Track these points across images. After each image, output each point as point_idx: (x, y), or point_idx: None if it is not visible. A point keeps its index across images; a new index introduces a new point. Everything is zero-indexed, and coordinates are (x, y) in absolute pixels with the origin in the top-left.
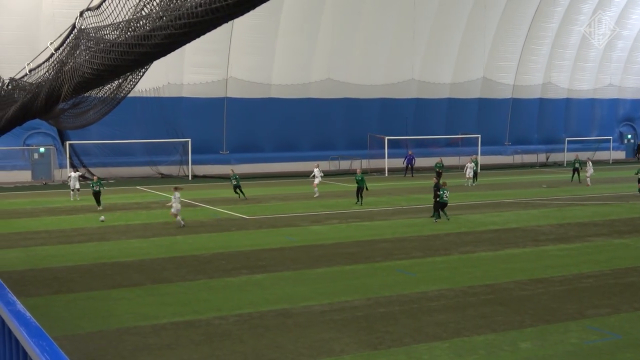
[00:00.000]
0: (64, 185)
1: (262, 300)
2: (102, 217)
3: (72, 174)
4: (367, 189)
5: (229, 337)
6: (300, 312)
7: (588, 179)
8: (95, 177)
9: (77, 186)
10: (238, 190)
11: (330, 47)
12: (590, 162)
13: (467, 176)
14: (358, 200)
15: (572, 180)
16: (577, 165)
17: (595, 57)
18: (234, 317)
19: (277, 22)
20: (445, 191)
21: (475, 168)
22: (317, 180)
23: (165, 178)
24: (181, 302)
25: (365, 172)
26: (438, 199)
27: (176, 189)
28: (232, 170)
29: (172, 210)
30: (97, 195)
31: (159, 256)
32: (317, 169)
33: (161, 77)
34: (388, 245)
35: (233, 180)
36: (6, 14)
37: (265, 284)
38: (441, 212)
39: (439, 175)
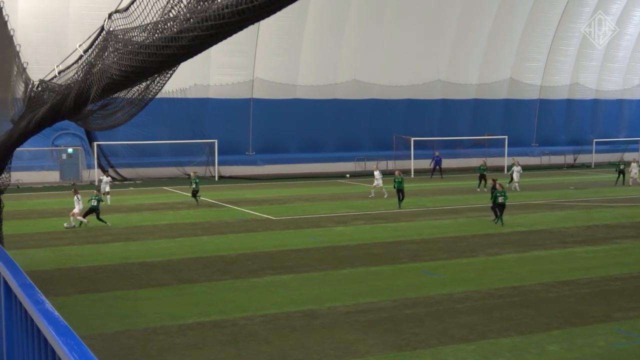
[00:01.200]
0: (92, 185)
1: (288, 300)
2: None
3: (104, 178)
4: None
5: (254, 338)
6: (325, 313)
7: (631, 179)
8: (96, 192)
9: (108, 189)
10: (197, 196)
11: (356, 48)
12: (634, 163)
13: (514, 180)
14: (400, 202)
15: (616, 183)
16: (621, 166)
17: (624, 58)
18: (260, 317)
19: (303, 24)
20: (500, 193)
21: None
22: (376, 182)
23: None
24: (207, 302)
25: (391, 172)
26: (494, 201)
27: (75, 191)
28: (194, 173)
29: (75, 210)
30: (93, 210)
31: (186, 256)
32: (377, 171)
33: (188, 79)
34: (413, 247)
35: (193, 184)
36: (35, 16)
37: (291, 285)
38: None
39: (481, 177)
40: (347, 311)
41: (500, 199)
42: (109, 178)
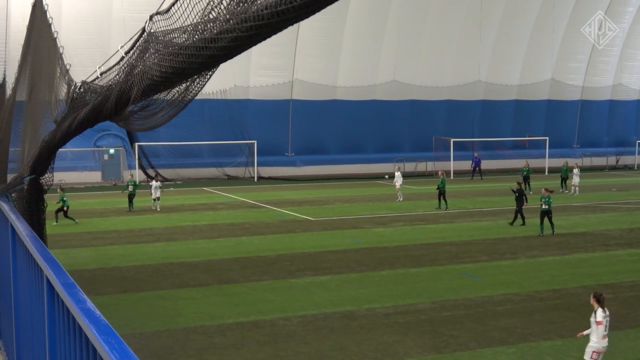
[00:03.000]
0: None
1: (327, 301)
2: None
3: (154, 183)
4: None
5: (293, 338)
6: (364, 314)
7: None
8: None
9: (158, 194)
10: (132, 202)
11: (396, 49)
12: None
13: (573, 184)
14: (440, 205)
15: None
16: None
17: None
18: (298, 318)
19: (343, 25)
20: (544, 198)
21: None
22: (397, 184)
23: (231, 179)
24: (246, 303)
25: (430, 174)
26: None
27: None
28: (132, 176)
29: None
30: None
31: (225, 257)
32: (398, 172)
33: (228, 80)
34: (453, 249)
35: (130, 187)
36: (79, 19)
37: (330, 286)
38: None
39: (525, 179)
40: (386, 313)
41: (544, 206)
42: (159, 182)
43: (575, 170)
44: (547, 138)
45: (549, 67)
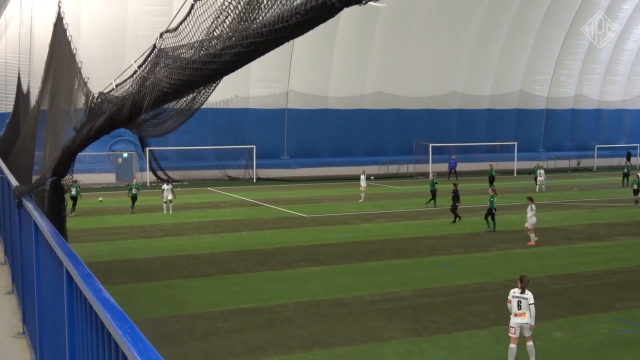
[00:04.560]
0: (144, 186)
1: (319, 290)
2: (100, 198)
3: (165, 186)
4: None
5: (289, 323)
6: (352, 301)
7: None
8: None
9: (170, 197)
10: (134, 203)
11: (381, 63)
12: None
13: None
14: (430, 202)
15: (623, 185)
16: (626, 170)
17: (624, 71)
18: (293, 304)
19: (333, 41)
20: (491, 197)
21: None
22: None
23: (232, 180)
24: (247, 291)
25: (411, 175)
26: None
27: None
28: (135, 179)
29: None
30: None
31: (228, 250)
32: (363, 176)
33: (230, 91)
34: (432, 242)
35: (133, 190)
36: (96, 36)
37: (322, 276)
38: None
39: (490, 180)
40: (372, 300)
41: (436, 186)
42: (170, 185)
43: (541, 171)
44: (516, 143)
45: (517, 80)
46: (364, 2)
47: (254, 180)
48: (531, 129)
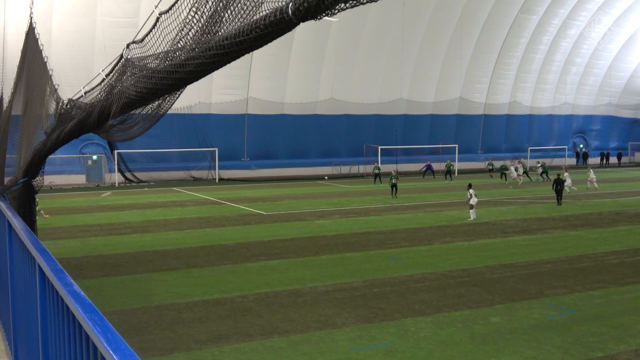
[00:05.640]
0: (112, 187)
1: (277, 281)
2: (107, 193)
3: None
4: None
5: (249, 312)
6: (308, 291)
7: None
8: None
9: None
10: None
11: (334, 72)
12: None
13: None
14: (393, 196)
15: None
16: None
17: (553, 80)
18: (254, 295)
19: (289, 52)
20: (392, 177)
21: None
22: (472, 201)
23: (196, 181)
24: (210, 284)
25: (362, 175)
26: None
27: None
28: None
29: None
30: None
31: (192, 245)
32: (472, 189)
33: (194, 97)
34: (381, 237)
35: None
36: (67, 45)
37: (280, 268)
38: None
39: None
40: (326, 290)
41: (393, 180)
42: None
43: (515, 167)
44: (457, 145)
45: (458, 88)
46: (318, 17)
47: (217, 181)
48: (470, 132)
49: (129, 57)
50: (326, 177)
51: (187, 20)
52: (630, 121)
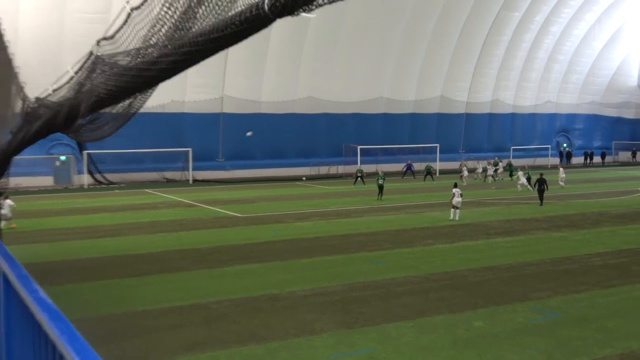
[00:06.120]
0: (82, 189)
1: (254, 286)
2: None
3: (6, 201)
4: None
5: (225, 319)
6: (286, 296)
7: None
8: None
9: (8, 213)
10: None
11: (312, 69)
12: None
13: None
14: (379, 197)
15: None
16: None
17: (536, 78)
18: (230, 301)
19: (266, 48)
20: (379, 177)
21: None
22: (455, 201)
23: (169, 182)
24: (184, 289)
25: (341, 176)
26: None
27: (6, 197)
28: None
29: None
30: None
31: (166, 249)
32: (457, 189)
33: (166, 96)
34: (362, 239)
35: None
36: (34, 41)
37: (257, 273)
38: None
39: (428, 173)
40: (305, 294)
41: (380, 181)
42: (9, 201)
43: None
44: (438, 145)
45: (439, 86)
46: (295, 13)
47: (191, 182)
48: (452, 131)
49: (99, 54)
50: (304, 178)
51: (160, 16)
52: (614, 120)
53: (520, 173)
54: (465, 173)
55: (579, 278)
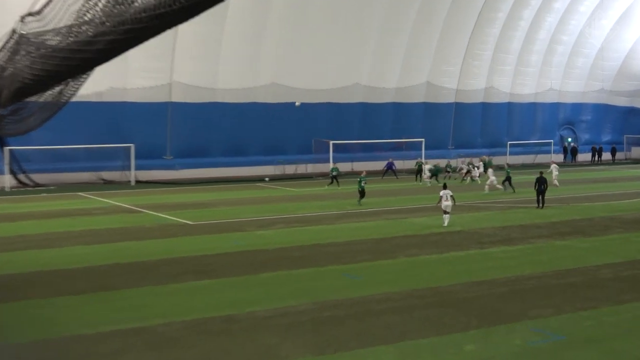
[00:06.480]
0: (2, 192)
1: (209, 306)
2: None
3: None
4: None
5: (176, 344)
6: (246, 317)
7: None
8: None
9: None
10: None
11: (276, 51)
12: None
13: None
14: (359, 202)
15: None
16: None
17: (537, 62)
18: (180, 323)
19: (222, 27)
20: (362, 179)
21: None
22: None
23: (108, 184)
24: (127, 309)
25: (310, 176)
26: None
27: None
28: None
29: None
30: None
31: (104, 263)
32: (446, 190)
33: (104, 82)
34: (334, 249)
35: None
36: None
37: (212, 290)
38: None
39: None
40: (268, 315)
41: (362, 184)
42: None
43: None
44: (424, 139)
45: (424, 71)
46: None
47: (133, 184)
48: (440, 124)
49: (23, 32)
50: (267, 179)
51: None
52: (626, 110)
53: (489, 171)
54: (427, 174)
55: (586, 293)
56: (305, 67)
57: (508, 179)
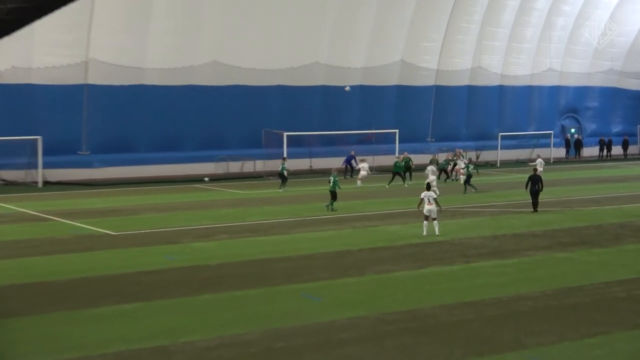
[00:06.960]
0: None
1: (135, 335)
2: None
3: None
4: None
5: None
6: (181, 349)
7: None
8: None
9: None
10: None
11: (219, 23)
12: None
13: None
14: (330, 207)
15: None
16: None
17: (533, 37)
18: (100, 357)
19: None
20: (333, 176)
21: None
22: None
23: (9, 186)
24: (33, 340)
25: (260, 176)
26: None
27: None
28: None
29: None
30: None
31: (4, 284)
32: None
33: (3, 60)
34: (289, 265)
35: None
36: None
37: (139, 315)
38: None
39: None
40: (208, 346)
41: (332, 183)
42: None
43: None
44: (397, 131)
45: (398, 48)
46: None
47: (40, 185)
48: (417, 112)
49: None
50: (207, 179)
51: None
52: (639, 95)
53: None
54: (364, 173)
55: (593, 316)
56: (254, 42)
57: (468, 177)
